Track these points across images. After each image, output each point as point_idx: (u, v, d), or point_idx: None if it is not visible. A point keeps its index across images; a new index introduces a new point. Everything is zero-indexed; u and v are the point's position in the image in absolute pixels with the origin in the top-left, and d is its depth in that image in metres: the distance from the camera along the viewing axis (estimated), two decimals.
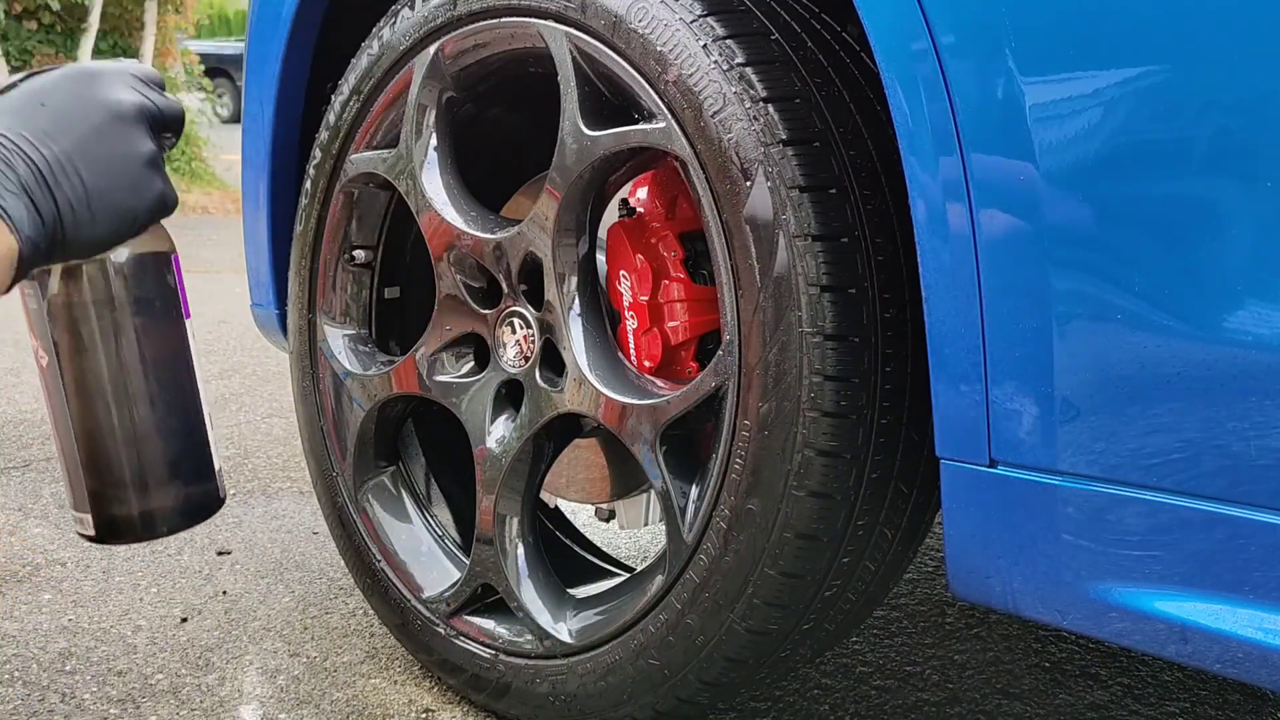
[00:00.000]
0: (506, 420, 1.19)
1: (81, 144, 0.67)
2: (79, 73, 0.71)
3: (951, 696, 1.32)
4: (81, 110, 0.68)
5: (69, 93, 0.69)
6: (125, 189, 0.69)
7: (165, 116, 0.74)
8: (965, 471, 0.86)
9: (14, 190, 0.64)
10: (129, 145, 0.70)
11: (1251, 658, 0.75)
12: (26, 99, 0.68)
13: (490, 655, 1.21)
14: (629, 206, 1.15)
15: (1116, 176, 0.75)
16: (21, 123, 0.67)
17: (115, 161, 0.69)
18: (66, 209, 0.66)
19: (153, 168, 0.71)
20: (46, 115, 0.67)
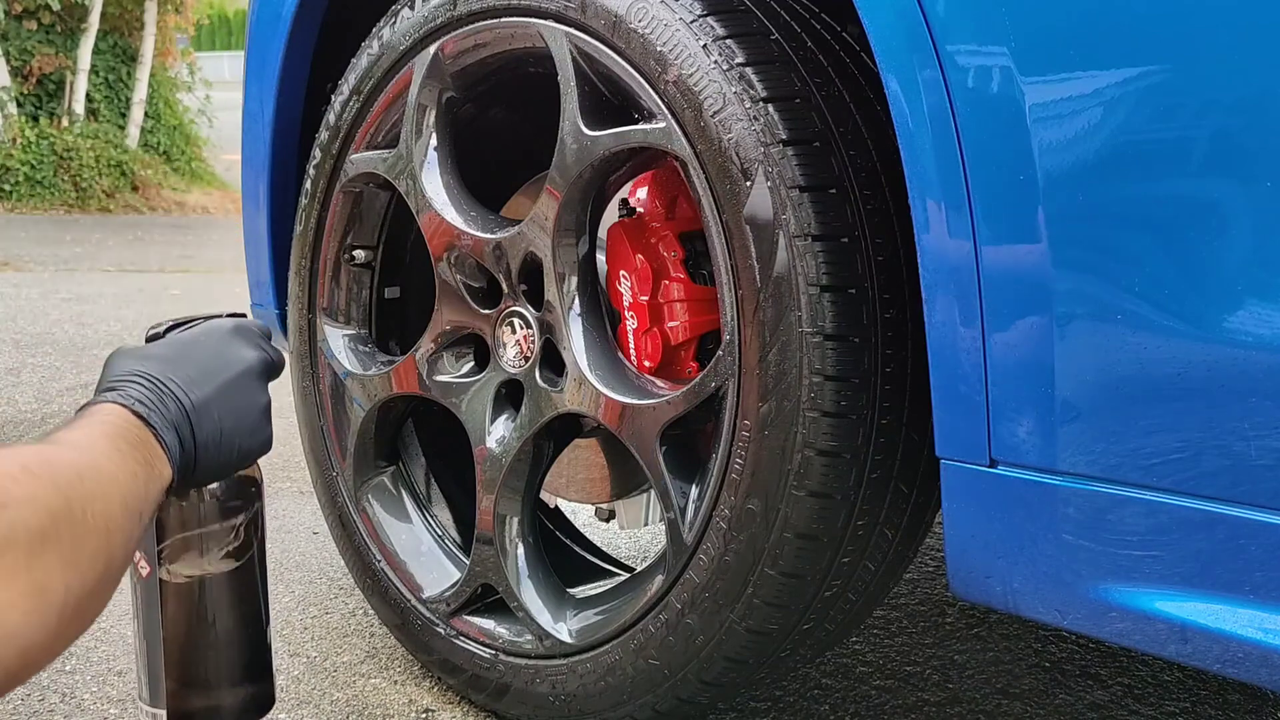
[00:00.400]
0: (506, 420, 1.19)
1: (219, 393, 0.81)
2: (220, 331, 0.86)
3: (951, 696, 1.32)
4: (220, 364, 0.83)
5: (210, 349, 0.84)
6: (246, 432, 0.84)
7: (276, 369, 0.90)
8: (965, 471, 0.86)
9: (169, 426, 0.76)
10: (252, 396, 0.85)
11: (1251, 658, 0.75)
12: (177, 350, 0.83)
13: (490, 655, 1.21)
14: (629, 206, 1.15)
15: (1116, 176, 0.75)
16: (174, 369, 0.80)
17: (241, 409, 0.83)
18: (203, 447, 0.79)
19: (266, 415, 0.86)
20: (193, 365, 0.81)
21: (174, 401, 0.78)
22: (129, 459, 0.71)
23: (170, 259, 6.44)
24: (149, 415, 0.75)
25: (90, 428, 0.71)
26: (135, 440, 0.73)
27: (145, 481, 0.71)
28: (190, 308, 4.25)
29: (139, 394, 0.76)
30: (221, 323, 0.87)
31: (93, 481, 0.65)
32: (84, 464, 0.65)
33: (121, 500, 0.67)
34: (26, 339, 3.45)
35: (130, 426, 0.74)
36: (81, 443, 0.69)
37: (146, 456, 0.73)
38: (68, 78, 9.26)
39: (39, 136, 8.81)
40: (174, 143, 10.56)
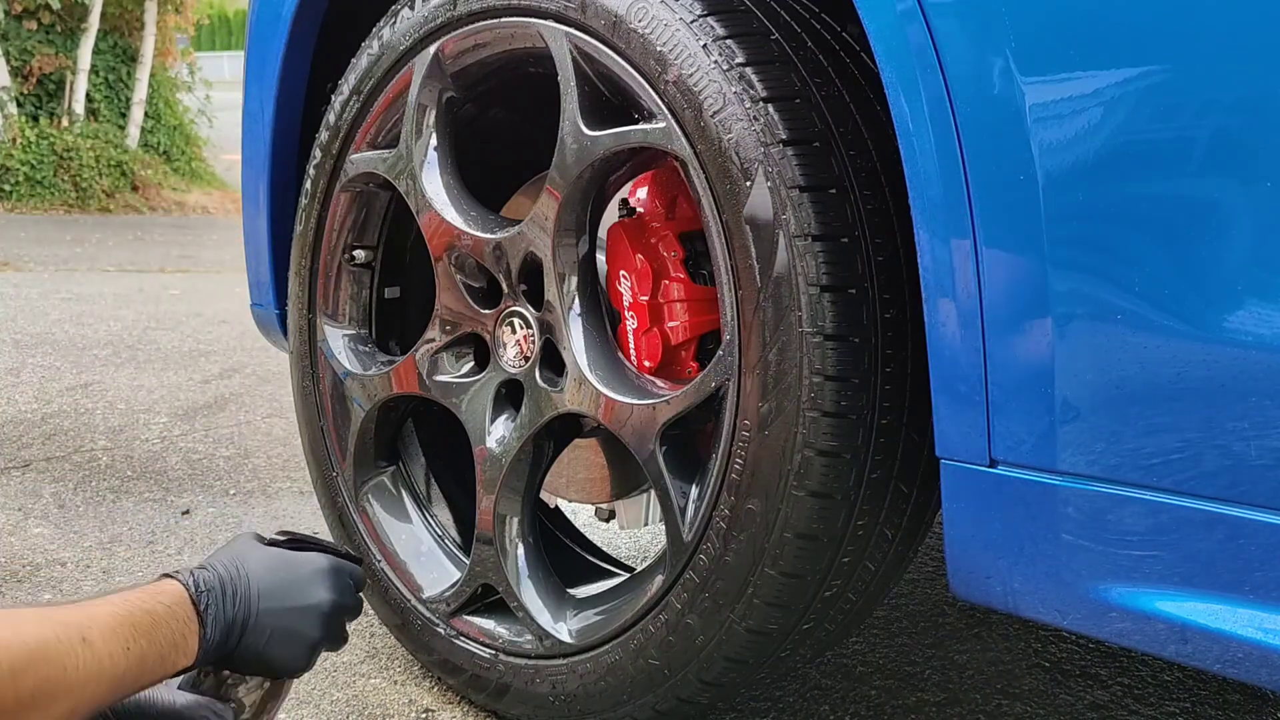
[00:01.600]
0: (506, 420, 1.19)
1: (281, 614, 0.90)
2: (318, 566, 0.95)
3: (951, 696, 1.32)
4: (298, 594, 0.92)
5: (301, 576, 0.93)
6: (284, 653, 0.91)
7: (350, 612, 0.98)
8: (965, 471, 0.86)
9: (224, 620, 0.87)
10: (307, 630, 0.92)
11: (1251, 658, 0.75)
12: (274, 560, 0.93)
13: (490, 655, 1.21)
14: (629, 206, 1.15)
15: (1116, 177, 0.75)
16: (262, 575, 0.90)
17: (292, 635, 0.91)
18: (243, 647, 0.88)
19: (312, 648, 0.93)
20: (277, 579, 0.91)
21: (243, 602, 0.88)
22: (131, 650, 0.78)
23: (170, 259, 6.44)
24: (204, 607, 0.86)
25: (126, 609, 0.80)
26: (168, 632, 0.82)
27: (144, 666, 0.80)
28: (190, 307, 4.25)
29: (214, 580, 0.88)
30: (323, 559, 0.96)
31: (35, 680, 0.70)
32: (48, 661, 0.72)
33: (75, 696, 0.73)
34: (26, 339, 3.45)
35: (174, 616, 0.83)
36: (89, 626, 0.76)
37: (173, 642, 0.83)
38: (68, 78, 9.26)
39: (39, 136, 8.81)
40: (174, 143, 10.55)
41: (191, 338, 3.59)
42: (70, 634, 0.74)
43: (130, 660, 0.78)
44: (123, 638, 0.78)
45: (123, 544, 1.76)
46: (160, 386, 2.87)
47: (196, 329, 3.76)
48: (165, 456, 2.26)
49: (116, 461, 2.21)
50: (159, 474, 2.14)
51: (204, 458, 2.28)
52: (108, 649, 0.76)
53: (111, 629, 0.77)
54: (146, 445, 2.34)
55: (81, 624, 0.75)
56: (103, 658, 0.75)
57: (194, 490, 2.06)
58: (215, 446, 2.37)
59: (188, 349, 3.40)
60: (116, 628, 0.77)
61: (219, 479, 2.14)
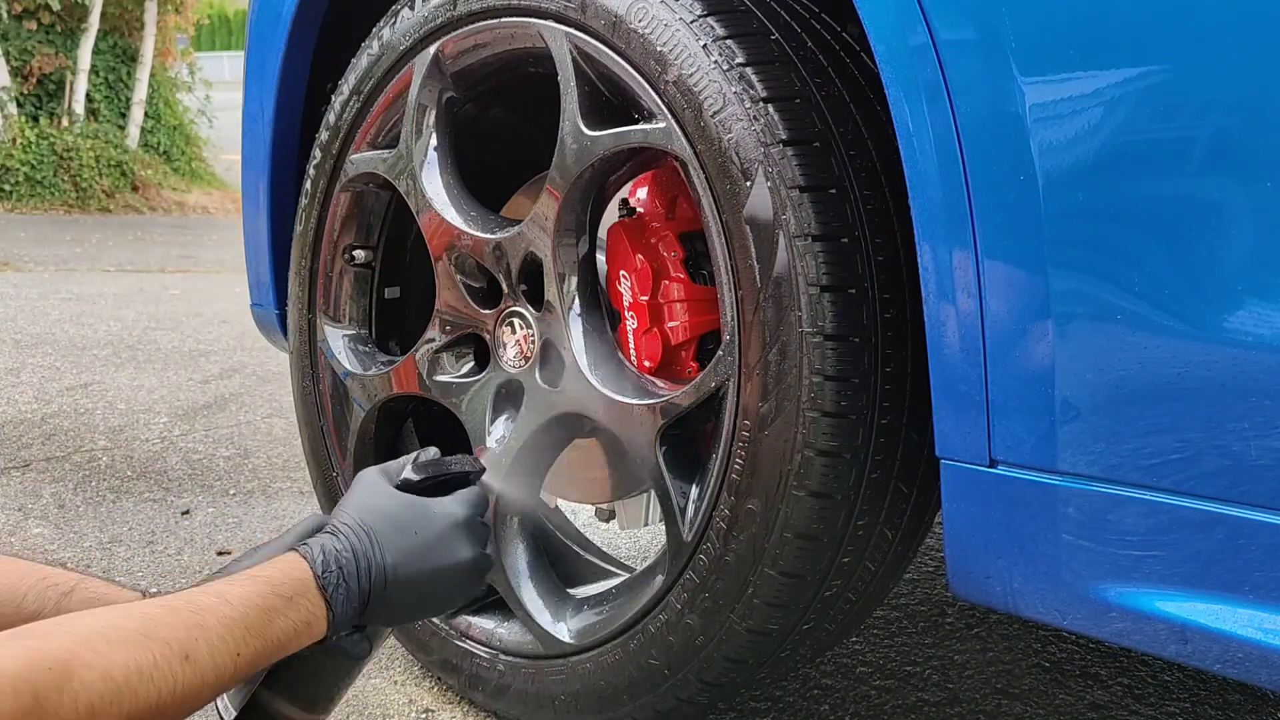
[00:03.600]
0: (506, 420, 1.19)
1: (417, 577, 0.86)
2: (456, 519, 0.90)
3: (951, 696, 1.32)
4: (436, 553, 0.87)
5: (436, 535, 0.88)
6: (418, 612, 0.89)
7: (484, 571, 0.94)
8: (965, 471, 0.86)
9: (356, 595, 0.82)
10: (445, 591, 0.89)
11: (1251, 658, 0.75)
12: (409, 519, 0.88)
13: (490, 655, 1.21)
14: (629, 206, 1.15)
15: (1116, 177, 0.75)
16: (395, 539, 0.86)
17: (428, 596, 0.88)
18: (376, 612, 0.84)
19: (443, 606, 0.92)
20: (413, 542, 0.87)
21: (376, 570, 0.85)
22: (244, 649, 0.74)
23: (170, 259, 6.44)
24: (332, 590, 0.81)
25: (249, 599, 0.76)
26: (289, 620, 0.78)
27: (256, 659, 0.75)
28: (190, 307, 4.25)
29: (345, 558, 0.83)
30: (458, 508, 0.92)
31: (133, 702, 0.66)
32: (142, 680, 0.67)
33: (182, 694, 0.69)
34: (26, 339, 3.45)
35: (298, 598, 0.79)
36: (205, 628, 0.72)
37: (299, 625, 0.79)
38: (68, 78, 9.26)
39: (39, 136, 8.81)
40: (174, 143, 10.56)
41: (191, 338, 3.59)
42: (171, 654, 0.69)
43: (240, 664, 0.74)
44: (234, 643, 0.73)
45: (123, 544, 1.76)
46: (160, 386, 2.87)
47: (196, 329, 3.76)
48: (165, 456, 2.26)
49: (116, 461, 2.21)
50: (159, 474, 2.14)
51: (204, 458, 2.28)
52: (214, 661, 0.71)
53: (221, 637, 0.72)
54: (146, 445, 2.34)
55: (186, 641, 0.70)
56: (206, 671, 0.71)
57: (194, 490, 2.06)
58: (215, 446, 2.37)
59: (188, 349, 3.40)
60: (227, 634, 0.73)
61: (219, 479, 2.14)
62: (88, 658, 0.64)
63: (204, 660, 0.71)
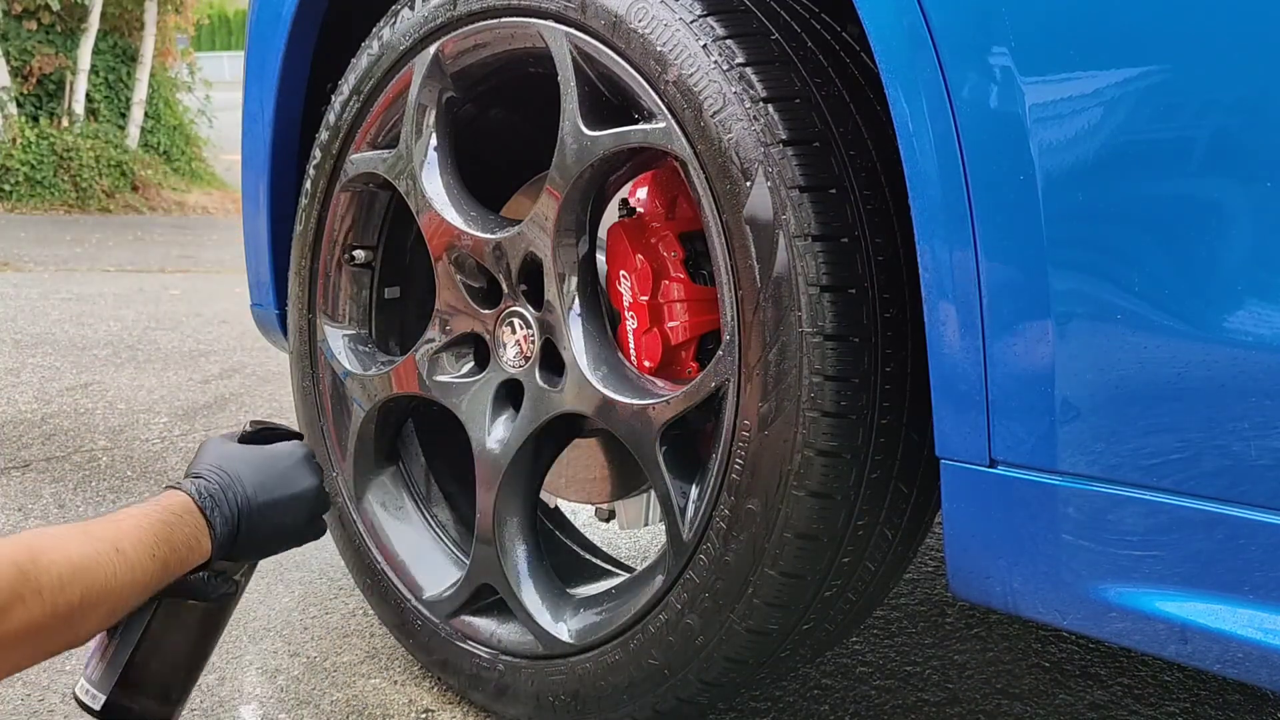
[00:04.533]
0: (506, 420, 1.19)
1: (273, 504, 1.01)
2: (295, 456, 1.05)
3: (951, 696, 1.32)
4: (283, 484, 1.03)
5: (281, 469, 1.03)
6: (281, 537, 1.03)
7: (326, 501, 1.08)
8: (965, 471, 0.86)
9: (224, 520, 0.97)
10: (298, 515, 1.03)
11: (1251, 658, 0.75)
12: (256, 459, 1.03)
13: (490, 655, 1.21)
14: (629, 206, 1.15)
15: (1116, 176, 0.75)
16: (249, 475, 1.00)
17: (286, 520, 1.02)
18: (246, 537, 0.99)
19: (298, 532, 1.05)
20: (264, 476, 1.02)
21: (240, 499, 0.99)
22: (156, 556, 0.89)
23: (170, 259, 6.44)
24: (210, 512, 0.96)
25: (147, 521, 0.90)
26: (183, 535, 0.93)
27: (167, 569, 0.91)
28: (190, 307, 4.25)
29: (213, 488, 0.98)
30: (296, 447, 1.07)
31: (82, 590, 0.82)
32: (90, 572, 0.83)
33: (114, 600, 0.85)
34: (26, 339, 3.45)
35: (184, 521, 0.94)
36: (121, 539, 0.87)
37: (189, 543, 0.93)
38: (68, 78, 9.26)
39: (39, 136, 8.81)
40: (174, 143, 10.56)
41: (191, 338, 3.59)
42: (106, 548, 0.85)
43: (156, 565, 0.89)
44: (148, 546, 0.88)
45: None
46: (160, 386, 2.87)
47: (196, 329, 3.76)
48: (165, 456, 2.26)
49: (116, 461, 2.21)
50: (159, 474, 2.14)
51: None
52: (137, 557, 0.87)
53: (138, 539, 0.88)
54: (146, 445, 2.34)
55: (113, 537, 0.86)
56: (134, 565, 0.86)
57: None
58: None
59: (188, 349, 3.40)
60: (142, 538, 0.88)
61: None
62: (47, 545, 0.80)
63: (131, 554, 0.86)
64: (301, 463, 1.06)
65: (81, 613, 0.82)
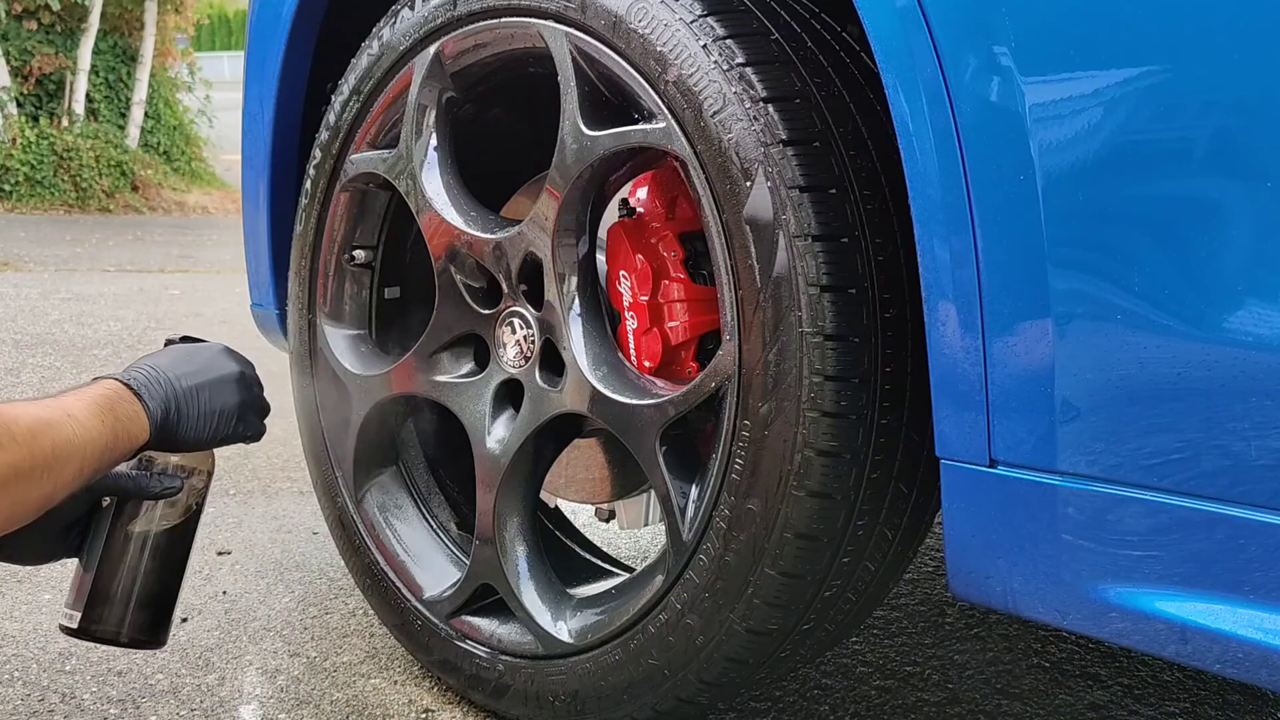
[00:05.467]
0: (506, 420, 1.19)
1: (202, 385, 1.06)
2: (215, 348, 1.12)
3: (951, 696, 1.32)
4: (208, 368, 1.08)
5: (204, 357, 1.09)
6: (220, 417, 1.08)
7: (249, 381, 1.13)
8: (965, 471, 0.86)
9: (157, 401, 1.01)
10: (228, 393, 1.08)
11: (1251, 658, 0.75)
12: (180, 353, 1.09)
13: (490, 655, 1.21)
14: (629, 206, 1.15)
15: (1116, 176, 0.75)
16: (174, 366, 1.06)
17: (218, 400, 1.07)
18: (184, 419, 1.04)
19: (238, 410, 1.10)
20: (189, 365, 1.07)
21: (166, 385, 1.03)
22: (105, 423, 0.93)
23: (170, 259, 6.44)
24: (139, 390, 1.00)
25: (86, 396, 0.95)
26: (124, 409, 0.97)
27: (117, 438, 0.95)
28: (190, 307, 4.25)
29: (140, 375, 1.02)
30: (218, 344, 1.13)
31: (51, 441, 0.87)
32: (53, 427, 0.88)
33: (80, 456, 0.90)
34: (26, 339, 3.45)
35: (122, 398, 0.98)
36: (68, 407, 0.91)
37: (130, 418, 0.97)
38: (68, 78, 9.26)
39: (39, 136, 8.81)
40: (174, 143, 10.55)
41: None
42: (59, 412, 0.89)
43: (106, 431, 0.93)
44: (96, 414, 0.93)
45: None
46: None
47: (197, 329, 3.74)
48: None
49: None
50: None
51: None
52: (91, 422, 0.92)
53: (85, 408, 0.92)
54: None
55: (63, 405, 0.91)
56: (90, 428, 0.91)
57: None
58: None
59: None
60: (88, 407, 0.93)
61: (219, 479, 2.14)
62: (9, 410, 0.85)
63: (83, 419, 0.91)
64: (222, 352, 1.11)
65: (57, 462, 0.86)
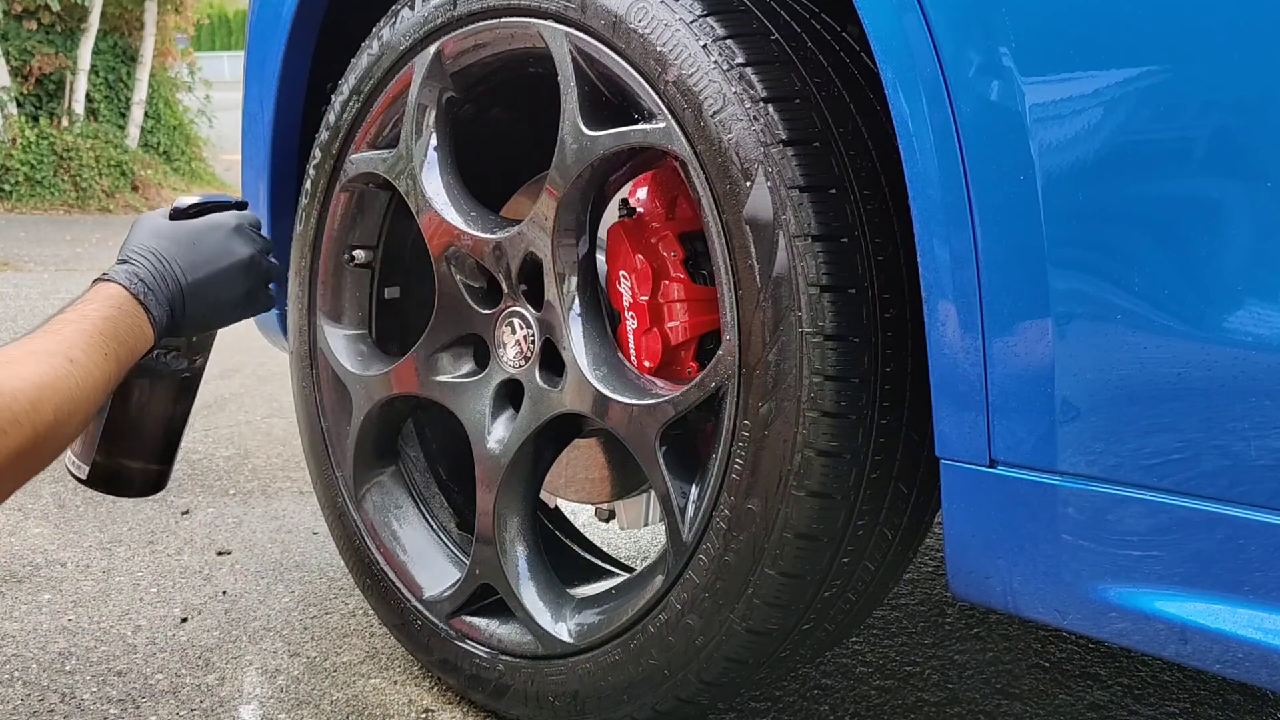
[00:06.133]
0: (506, 420, 1.19)
1: (210, 278, 1.05)
2: (225, 227, 1.08)
3: (951, 696, 1.32)
4: (217, 255, 1.06)
5: (214, 242, 1.06)
6: (227, 307, 1.08)
7: (266, 251, 1.12)
8: (965, 471, 0.86)
9: (163, 302, 1.00)
10: (237, 283, 1.07)
11: (1251, 658, 0.75)
12: (188, 236, 1.05)
13: (490, 655, 1.21)
14: (629, 206, 1.15)
15: (1116, 176, 0.75)
16: (181, 254, 1.03)
17: (225, 292, 1.06)
18: (190, 317, 1.04)
19: (247, 297, 1.10)
20: (197, 253, 1.04)
21: (173, 281, 1.01)
22: (109, 355, 0.92)
23: None
24: (145, 298, 0.98)
25: (89, 322, 0.92)
26: (128, 327, 0.96)
27: (120, 364, 0.94)
28: None
29: (144, 273, 0.99)
30: (227, 218, 1.07)
31: (54, 407, 0.84)
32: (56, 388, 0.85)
33: (85, 407, 0.88)
34: None
35: (126, 312, 0.96)
36: (70, 349, 0.89)
37: (134, 333, 0.96)
38: (68, 78, 9.26)
39: (39, 136, 8.81)
40: (174, 143, 10.56)
41: None
42: (59, 362, 0.86)
43: (110, 363, 0.92)
44: (99, 348, 0.91)
45: (122, 544, 1.76)
46: None
47: None
48: None
49: None
50: None
51: (204, 458, 2.28)
52: (92, 360, 0.89)
53: (87, 344, 0.90)
54: None
55: (63, 349, 0.88)
56: (92, 369, 0.89)
57: (194, 490, 2.06)
58: (215, 446, 2.37)
59: None
60: (90, 342, 0.90)
61: (219, 479, 2.14)
62: (9, 380, 0.81)
63: (85, 360, 0.88)
64: (232, 234, 1.07)
65: (59, 426, 0.84)
